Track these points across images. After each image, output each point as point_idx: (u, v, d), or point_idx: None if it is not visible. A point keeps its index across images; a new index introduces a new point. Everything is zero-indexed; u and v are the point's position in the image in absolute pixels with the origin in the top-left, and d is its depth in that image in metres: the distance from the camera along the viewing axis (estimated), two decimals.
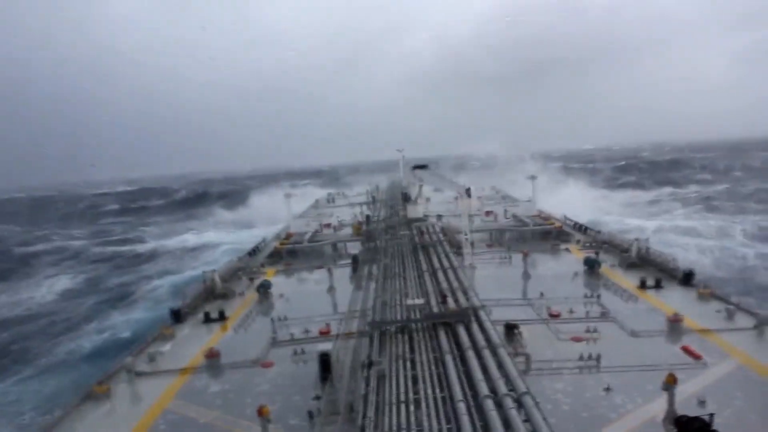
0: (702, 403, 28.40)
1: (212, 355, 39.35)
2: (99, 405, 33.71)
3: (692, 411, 25.96)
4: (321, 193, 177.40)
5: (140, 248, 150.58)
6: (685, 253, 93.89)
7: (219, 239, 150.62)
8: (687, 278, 49.38)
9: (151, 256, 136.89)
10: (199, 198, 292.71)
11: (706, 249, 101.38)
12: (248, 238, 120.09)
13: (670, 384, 26.54)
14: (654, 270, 53.32)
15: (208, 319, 48.18)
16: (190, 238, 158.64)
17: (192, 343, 43.46)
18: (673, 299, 45.44)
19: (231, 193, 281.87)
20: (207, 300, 54.01)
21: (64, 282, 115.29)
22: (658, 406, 27.70)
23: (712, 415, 23.88)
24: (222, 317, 48.26)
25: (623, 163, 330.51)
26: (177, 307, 49.85)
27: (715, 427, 22.69)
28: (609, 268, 56.25)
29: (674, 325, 39.02)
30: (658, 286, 48.74)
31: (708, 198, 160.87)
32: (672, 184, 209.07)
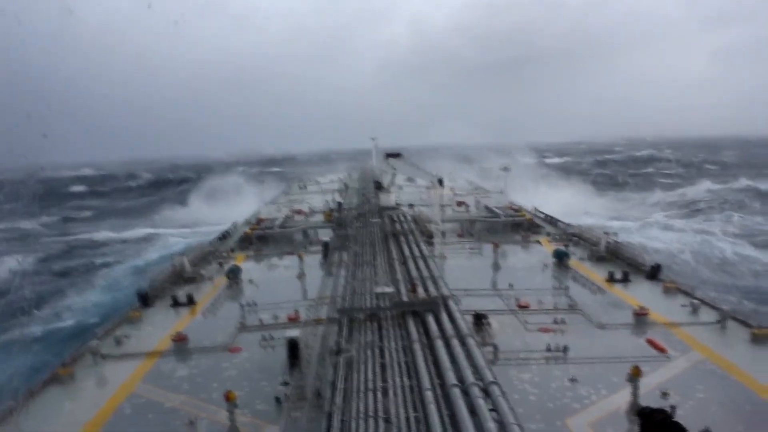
0: (665, 395, 28.85)
1: (180, 339, 39.07)
2: (63, 388, 33.21)
3: (655, 403, 26.41)
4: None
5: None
6: (665, 246, 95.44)
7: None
8: (654, 272, 50.10)
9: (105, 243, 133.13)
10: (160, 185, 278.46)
11: (687, 243, 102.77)
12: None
13: (634, 376, 26.98)
14: (622, 264, 54.00)
15: (176, 303, 47.76)
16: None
17: (159, 326, 43.03)
18: (640, 293, 46.10)
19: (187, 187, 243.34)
20: (175, 284, 53.50)
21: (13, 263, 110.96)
22: (622, 398, 28.14)
23: (673, 407, 24.28)
24: (190, 302, 47.84)
25: (612, 156, 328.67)
26: (144, 291, 49.28)
27: (676, 418, 23.04)
28: (578, 260, 56.85)
29: (640, 318, 39.62)
30: (625, 279, 49.36)
31: (692, 201, 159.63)
32: (654, 185, 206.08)
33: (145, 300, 48.06)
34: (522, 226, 74.59)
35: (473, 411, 22.19)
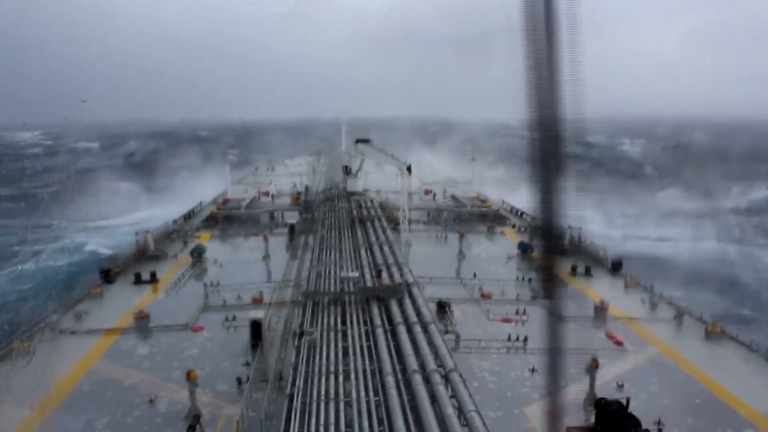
0: (620, 387, 29.59)
1: (141, 317, 38.69)
2: (19, 364, 32.64)
3: (611, 394, 26.98)
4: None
5: None
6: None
7: None
8: (615, 267, 50.98)
9: None
10: None
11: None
12: None
13: (592, 368, 27.55)
14: (585, 258, 54.79)
15: (138, 281, 47.22)
16: None
17: (121, 303, 42.51)
18: (601, 287, 46.89)
19: None
20: (138, 261, 52.87)
21: None
22: (579, 389, 28.69)
23: (628, 398, 24.82)
24: (153, 279, 47.35)
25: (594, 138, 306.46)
26: (107, 267, 48.62)
27: (630, 410, 23.56)
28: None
29: (600, 312, 40.33)
30: (587, 273, 50.14)
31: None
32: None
33: (107, 276, 47.42)
34: (488, 216, 75.12)
35: (433, 397, 22.47)
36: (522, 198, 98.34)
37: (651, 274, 50.16)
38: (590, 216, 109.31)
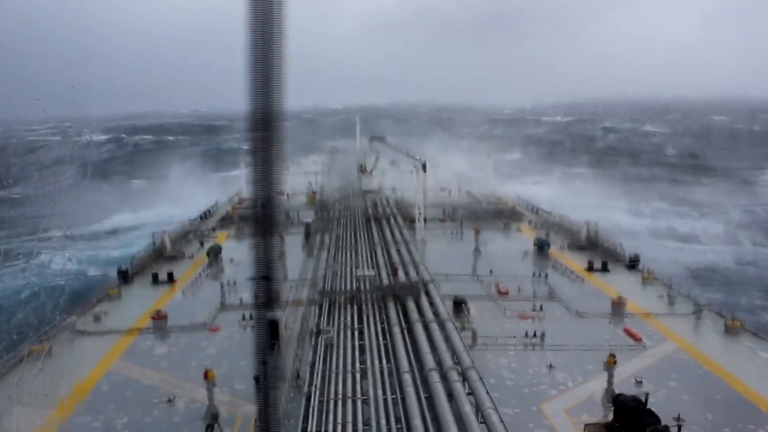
0: (639, 383, 29.37)
1: (159, 317, 38.90)
2: (38, 365, 32.93)
3: (630, 390, 26.87)
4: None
5: None
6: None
7: None
8: (633, 263, 50.62)
9: None
10: None
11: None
12: None
13: (610, 364, 27.40)
14: (601, 253, 54.42)
15: (156, 281, 47.53)
16: None
17: (139, 304, 42.82)
18: (619, 282, 46.55)
19: None
20: (156, 261, 53.20)
21: None
22: (598, 385, 28.57)
23: (647, 394, 24.68)
24: (170, 279, 47.66)
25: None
26: (124, 267, 48.97)
27: (649, 406, 23.42)
28: (558, 249, 57.20)
29: (617, 308, 40.01)
30: (604, 269, 49.81)
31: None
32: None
33: (125, 277, 47.79)
34: (504, 213, 74.74)
35: (450, 395, 22.46)
36: (539, 184, 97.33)
37: (688, 285, 48.23)
38: (615, 206, 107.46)
